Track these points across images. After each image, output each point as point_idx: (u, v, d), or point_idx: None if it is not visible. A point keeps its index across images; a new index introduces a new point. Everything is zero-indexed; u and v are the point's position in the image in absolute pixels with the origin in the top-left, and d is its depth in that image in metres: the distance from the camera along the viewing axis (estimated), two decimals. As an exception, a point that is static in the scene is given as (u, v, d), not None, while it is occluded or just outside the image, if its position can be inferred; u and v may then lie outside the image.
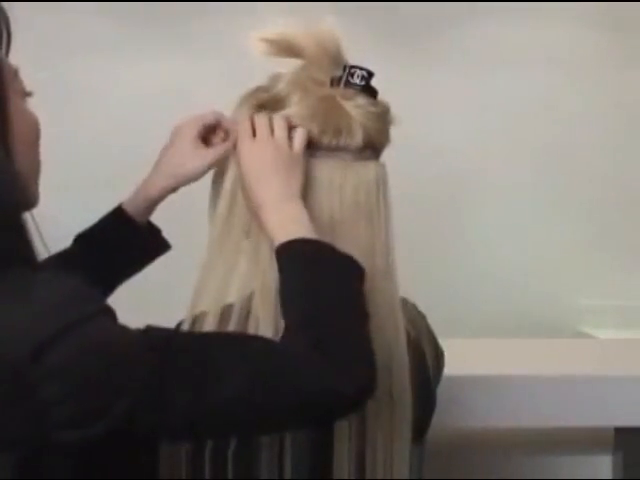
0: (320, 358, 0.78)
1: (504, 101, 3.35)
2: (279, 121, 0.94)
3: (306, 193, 0.93)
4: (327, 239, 0.88)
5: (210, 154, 1.00)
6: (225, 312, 0.92)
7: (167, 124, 1.06)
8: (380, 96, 0.98)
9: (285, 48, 0.96)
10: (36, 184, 0.86)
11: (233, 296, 0.93)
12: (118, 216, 1.08)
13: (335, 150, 0.94)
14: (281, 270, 0.86)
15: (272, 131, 0.93)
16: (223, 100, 0.99)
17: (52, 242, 1.16)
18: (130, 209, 1.08)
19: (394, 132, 1.00)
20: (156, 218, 1.12)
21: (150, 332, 0.77)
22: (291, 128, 0.94)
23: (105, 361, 0.71)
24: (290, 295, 0.85)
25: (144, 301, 2.16)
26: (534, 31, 3.39)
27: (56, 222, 1.13)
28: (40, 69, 3.06)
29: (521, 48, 3.38)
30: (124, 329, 0.76)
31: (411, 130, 0.99)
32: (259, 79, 0.99)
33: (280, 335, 0.83)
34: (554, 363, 1.68)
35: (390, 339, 0.93)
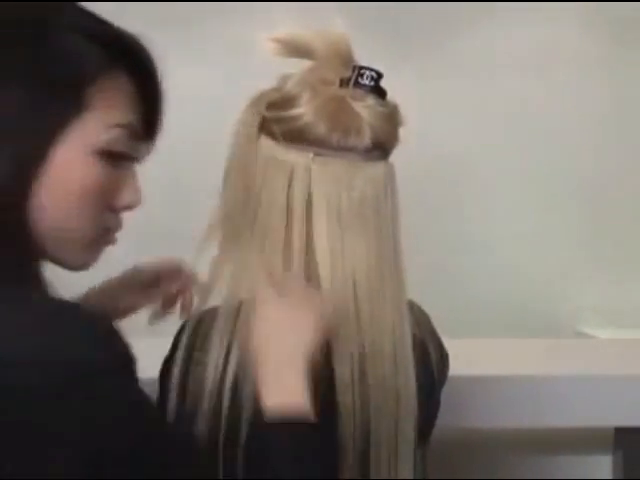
0: None
1: (504, 101, 3.35)
2: (296, 279, 0.91)
3: (314, 192, 0.93)
4: (335, 239, 0.89)
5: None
6: (234, 309, 0.92)
7: (171, 125, 1.06)
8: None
9: (296, 48, 0.96)
10: None
11: (243, 293, 0.93)
12: None
13: (343, 150, 0.94)
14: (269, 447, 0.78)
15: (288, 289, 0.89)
16: (226, 101, 0.99)
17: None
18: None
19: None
20: (161, 216, 1.12)
21: None
22: None
23: None
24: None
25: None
26: (534, 31, 3.39)
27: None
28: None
29: (521, 48, 3.38)
30: None
31: (411, 130, 0.99)
32: (260, 79, 0.99)
33: None
34: (554, 363, 1.68)
35: (396, 339, 0.93)
